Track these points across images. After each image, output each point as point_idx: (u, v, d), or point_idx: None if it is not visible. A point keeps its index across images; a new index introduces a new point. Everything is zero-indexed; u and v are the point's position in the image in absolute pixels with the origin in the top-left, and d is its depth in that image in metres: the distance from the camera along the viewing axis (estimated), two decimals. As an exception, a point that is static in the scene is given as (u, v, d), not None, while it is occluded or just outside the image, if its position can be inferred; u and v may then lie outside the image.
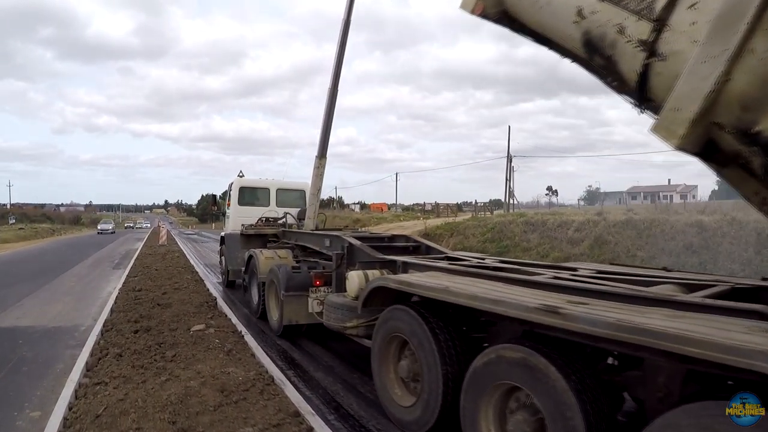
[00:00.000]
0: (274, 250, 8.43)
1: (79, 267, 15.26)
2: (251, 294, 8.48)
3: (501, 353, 2.96)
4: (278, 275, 6.68)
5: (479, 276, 3.91)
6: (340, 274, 5.94)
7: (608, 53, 2.52)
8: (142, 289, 8.85)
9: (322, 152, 8.92)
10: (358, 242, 6.19)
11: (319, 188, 9.41)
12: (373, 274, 4.95)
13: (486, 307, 3.09)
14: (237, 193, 11.47)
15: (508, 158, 34.22)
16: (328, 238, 7.06)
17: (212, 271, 13.79)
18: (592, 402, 2.52)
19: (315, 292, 6.20)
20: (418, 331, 3.62)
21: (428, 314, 3.63)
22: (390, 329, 3.98)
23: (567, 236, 24.37)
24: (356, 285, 4.77)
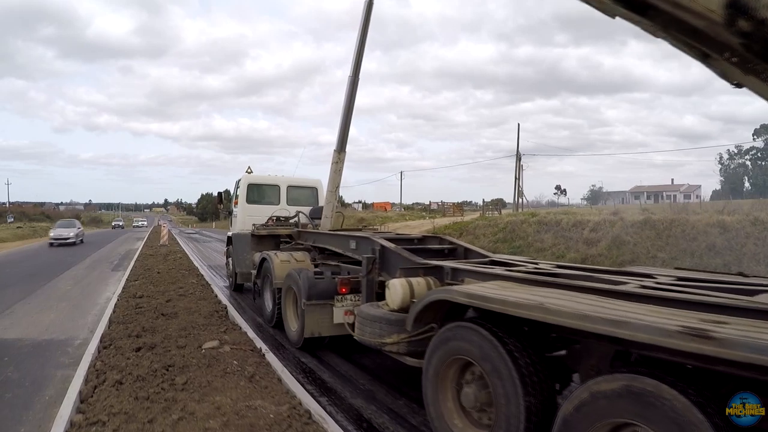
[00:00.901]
0: (290, 253, 7.64)
1: (76, 268, 14.43)
2: (264, 300, 7.70)
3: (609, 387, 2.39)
4: (298, 281, 5.92)
5: (553, 285, 3.36)
6: (371, 281, 5.18)
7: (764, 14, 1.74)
8: (144, 296, 8.02)
9: (341, 146, 8.14)
10: (391, 245, 5.39)
11: (337, 185, 8.64)
12: (417, 282, 4.28)
13: (604, 330, 2.40)
14: (245, 191, 10.70)
15: (518, 157, 33.42)
16: (354, 240, 6.26)
17: (217, 274, 12.98)
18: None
19: (341, 301, 5.48)
20: (492, 354, 3.03)
21: (503, 334, 3.06)
22: (452, 351, 3.36)
23: (582, 236, 23.66)
24: (400, 295, 4.11)
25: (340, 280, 5.63)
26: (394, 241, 5.75)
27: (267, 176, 11.43)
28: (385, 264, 5.22)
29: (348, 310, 5.38)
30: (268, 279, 7.59)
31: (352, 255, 6.15)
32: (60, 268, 14.27)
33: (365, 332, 4.28)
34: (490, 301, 3.06)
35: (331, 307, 5.52)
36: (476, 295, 3.23)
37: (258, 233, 8.73)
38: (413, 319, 3.73)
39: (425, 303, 3.68)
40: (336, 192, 8.70)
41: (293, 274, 6.30)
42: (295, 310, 6.43)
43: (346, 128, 8.17)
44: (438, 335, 3.47)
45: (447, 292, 3.54)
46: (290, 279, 6.41)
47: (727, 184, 71.14)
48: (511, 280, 3.81)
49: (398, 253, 5.21)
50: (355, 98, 8.17)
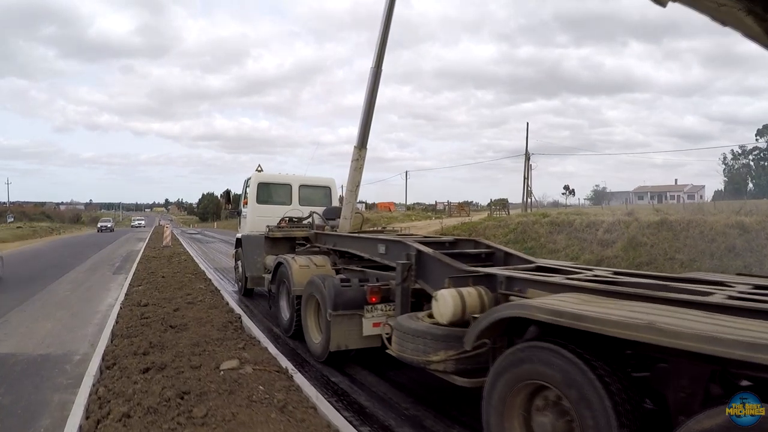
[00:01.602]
0: (308, 257, 7.01)
1: (75, 271, 13.77)
2: (280, 308, 7.06)
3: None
4: (322, 289, 5.34)
5: (635, 297, 2.99)
6: (406, 290, 4.69)
7: None
8: (149, 304, 7.35)
9: (362, 142, 7.48)
10: (429, 250, 4.77)
11: (357, 183, 8.01)
12: (468, 293, 3.80)
13: (743, 356, 2.01)
14: (255, 190, 10.07)
15: (527, 156, 32.75)
16: (384, 244, 5.64)
17: (225, 277, 12.32)
18: None
19: (371, 311, 5.00)
20: (579, 380, 2.60)
21: (590, 356, 2.65)
22: (525, 375, 2.90)
23: (597, 237, 23.10)
24: (450, 308, 3.65)
25: (369, 288, 5.04)
26: (427, 245, 5.20)
27: (278, 175, 10.83)
28: (421, 271, 4.71)
29: (378, 321, 4.92)
30: (285, 285, 6.98)
31: (381, 260, 5.54)
32: (59, 271, 13.62)
33: (406, 348, 3.84)
34: (584, 320, 2.58)
35: (359, 318, 5.01)
36: (565, 312, 2.69)
37: (273, 235, 8.09)
38: (475, 336, 3.25)
39: (494, 320, 3.13)
40: (356, 191, 8.08)
41: (316, 281, 5.67)
42: (317, 320, 5.80)
43: (367, 123, 7.54)
44: (506, 357, 3.02)
45: (524, 308, 3.00)
46: (312, 286, 5.79)
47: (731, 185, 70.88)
48: (586, 291, 3.29)
49: (438, 259, 4.61)
50: (377, 91, 7.58)
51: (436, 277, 4.46)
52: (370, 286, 5.10)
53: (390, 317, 4.88)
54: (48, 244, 29.04)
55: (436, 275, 4.48)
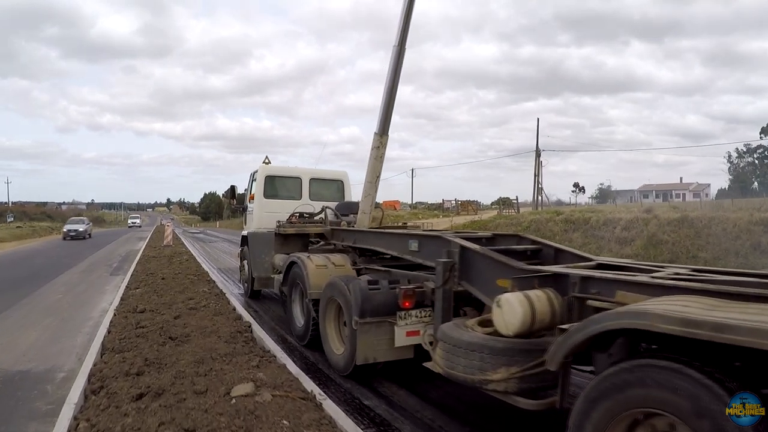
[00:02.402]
0: (325, 255, 6.22)
1: (70, 273, 12.94)
2: (293, 313, 6.25)
3: None
4: (346, 293, 4.65)
5: (753, 299, 2.40)
6: (448, 293, 3.95)
7: None
8: (146, 310, 6.49)
9: (383, 127, 6.71)
10: (476, 246, 4.03)
11: (378, 174, 7.27)
12: (538, 298, 3.15)
13: None
14: (262, 184, 9.27)
15: (537, 153, 31.85)
16: (417, 240, 4.80)
17: (229, 278, 11.48)
18: None
19: (404, 318, 4.29)
20: (713, 409, 1.96)
21: (720, 375, 2.06)
22: (633, 401, 2.27)
23: (614, 235, 22.41)
24: (519, 316, 3.01)
25: (403, 291, 4.27)
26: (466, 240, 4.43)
27: (287, 167, 10.03)
28: (467, 271, 3.99)
29: (413, 330, 4.27)
30: (299, 288, 6.17)
31: (413, 258, 4.82)
32: (53, 272, 12.78)
33: (457, 365, 3.28)
34: (732, 332, 1.94)
35: (390, 326, 4.33)
36: (703, 322, 2.03)
37: (284, 232, 7.25)
38: (565, 353, 2.61)
39: (595, 332, 2.44)
40: (376, 183, 7.30)
41: (338, 284, 4.91)
42: (338, 327, 5.13)
43: (389, 107, 6.71)
44: (606, 379, 2.39)
45: (640, 316, 2.27)
46: (333, 289, 5.02)
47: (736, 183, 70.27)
48: (695, 293, 2.60)
49: (488, 256, 3.82)
50: (400, 71, 6.84)
51: (485, 278, 3.80)
52: (403, 288, 4.29)
53: (427, 324, 4.19)
54: (46, 244, 28.24)
55: (485, 276, 3.81)
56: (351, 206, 9.06)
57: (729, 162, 74.86)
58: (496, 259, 3.76)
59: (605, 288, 3.01)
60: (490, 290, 3.65)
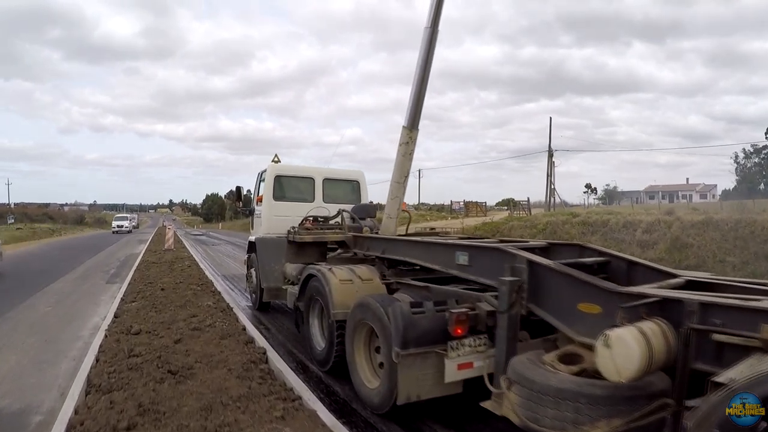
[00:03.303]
0: (350, 268, 5.35)
1: (64, 280, 12.04)
2: (311, 333, 5.41)
3: None
4: (382, 317, 3.87)
5: None
6: (514, 320, 3.31)
7: None
8: (142, 331, 5.57)
9: (413, 121, 5.92)
10: (547, 261, 3.41)
11: (407, 173, 6.43)
12: (653, 331, 2.50)
13: None
14: (272, 184, 8.39)
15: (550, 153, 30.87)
16: (466, 251, 4.07)
17: (235, 287, 10.58)
18: None
19: (456, 349, 3.53)
20: None
21: None
22: None
23: (635, 238, 21.54)
24: (637, 359, 2.36)
25: (455, 316, 3.49)
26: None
27: (299, 166, 9.15)
28: (537, 292, 3.33)
29: (465, 362, 3.54)
30: (318, 304, 5.37)
31: (461, 274, 4.11)
32: (46, 279, 11.88)
33: (543, 417, 2.66)
34: None
35: (437, 357, 3.59)
36: None
37: (300, 239, 6.35)
38: None
39: None
40: (404, 183, 6.43)
41: (372, 305, 4.10)
42: (369, 356, 4.36)
43: (420, 98, 5.86)
44: None
45: None
46: (365, 311, 4.21)
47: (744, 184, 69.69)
48: None
49: (568, 274, 3.14)
50: (432, 57, 6.03)
51: (562, 301, 3.16)
52: (455, 312, 3.50)
53: (481, 354, 3.52)
54: (44, 246, 27.38)
55: (562, 299, 3.16)
56: (368, 209, 8.24)
57: (736, 163, 74.37)
58: (578, 277, 3.06)
59: (737, 318, 2.37)
60: (569, 316, 3.06)
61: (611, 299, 2.85)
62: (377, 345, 4.18)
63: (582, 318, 2.96)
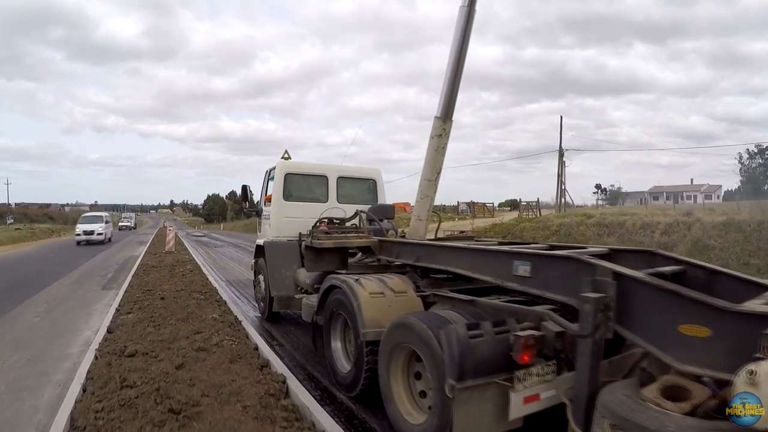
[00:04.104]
0: (379, 278, 4.60)
1: (58, 285, 11.24)
2: (332, 353, 4.73)
3: None
4: (431, 342, 3.20)
5: None
6: (599, 345, 2.74)
7: None
8: (138, 353, 4.73)
9: (447, 111, 5.28)
10: (637, 273, 2.84)
11: (438, 170, 5.72)
12: None
13: None
14: (282, 183, 7.65)
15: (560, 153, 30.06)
16: (528, 261, 3.40)
17: (242, 294, 9.79)
18: None
19: (524, 379, 2.94)
20: None
21: None
22: None
23: (654, 240, 20.84)
24: None
25: (523, 340, 2.90)
26: None
27: (311, 164, 8.40)
28: (624, 310, 2.78)
29: (532, 394, 2.98)
30: (341, 319, 4.71)
31: (521, 287, 3.46)
32: (39, 283, 11.10)
33: None
34: None
35: (498, 389, 2.95)
36: None
37: (319, 244, 5.57)
38: None
39: None
40: (436, 181, 5.69)
41: (417, 326, 3.40)
42: (408, 382, 3.68)
43: (454, 85, 5.22)
44: None
45: None
46: (406, 333, 3.52)
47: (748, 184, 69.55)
48: None
49: (667, 290, 2.60)
50: (468, 39, 5.18)
51: (659, 322, 2.63)
52: (523, 336, 2.90)
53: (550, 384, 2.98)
54: (41, 247, 26.61)
55: (657, 319, 2.64)
56: (387, 210, 7.49)
57: (740, 163, 74.38)
58: (681, 293, 2.53)
59: None
60: (667, 340, 2.56)
61: (724, 320, 2.32)
62: (416, 370, 3.60)
63: (685, 342, 2.47)
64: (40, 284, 11.06)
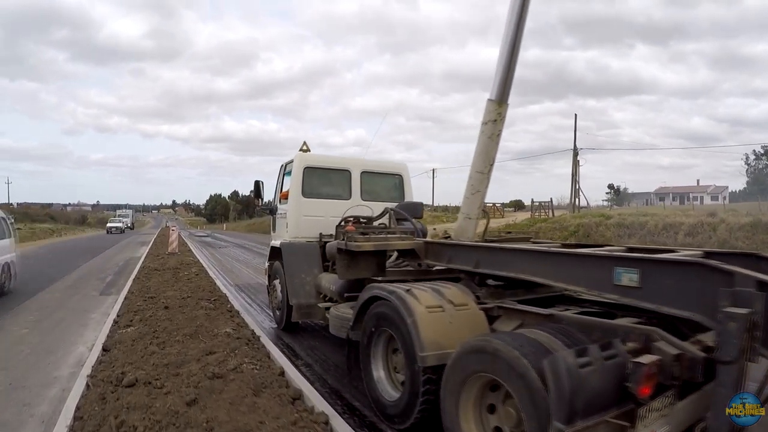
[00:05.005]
0: (434, 288, 3.88)
1: (52, 289, 10.33)
2: (372, 376, 4.00)
3: None
4: (526, 373, 2.55)
5: None
6: (742, 371, 2.20)
7: None
8: (138, 381, 3.75)
9: (502, 93, 4.56)
10: None
11: (492, 160, 4.81)
12: None
13: None
14: (300, 178, 6.81)
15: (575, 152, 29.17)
16: (635, 268, 2.80)
17: (254, 300, 8.90)
18: None
19: (645, 416, 2.40)
20: None
21: None
22: None
23: (677, 241, 20.13)
24: None
25: (646, 369, 2.34)
26: None
27: (332, 157, 7.57)
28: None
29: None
30: (384, 336, 3.96)
31: (620, 298, 2.88)
32: (31, 288, 10.18)
33: None
34: None
35: (608, 428, 2.35)
36: None
37: (358, 247, 4.69)
38: None
39: None
40: (489, 173, 4.88)
41: (504, 351, 2.71)
42: (480, 417, 3.01)
43: (512, 62, 4.49)
44: None
45: None
46: (488, 360, 2.81)
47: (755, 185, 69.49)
48: None
49: None
50: (527, 9, 4.46)
51: None
52: (645, 365, 2.35)
53: (667, 419, 2.51)
54: (40, 248, 25.71)
55: None
56: (416, 208, 6.71)
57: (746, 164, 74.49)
58: None
59: None
60: None
61: None
62: (490, 402, 2.99)
63: None
64: (33, 289, 10.15)
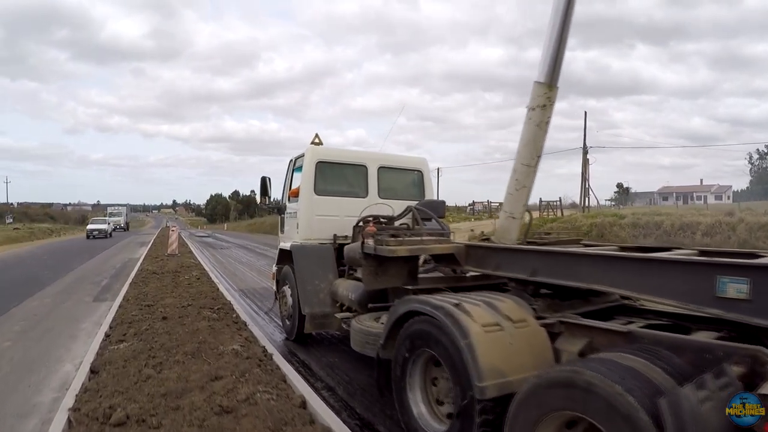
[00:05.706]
0: (487, 302, 3.24)
1: (42, 295, 9.60)
2: (411, 406, 3.37)
3: None
4: (635, 413, 1.87)
5: None
6: None
7: None
8: (130, 419, 2.97)
9: (552, 75, 4.04)
10: None
11: (539, 152, 4.19)
12: None
13: None
14: (312, 173, 6.11)
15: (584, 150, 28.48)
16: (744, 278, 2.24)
17: (261, 308, 8.20)
18: None
19: None
20: None
21: None
22: None
23: (695, 241, 19.51)
24: None
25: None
26: None
27: (347, 151, 6.89)
28: None
29: None
30: (424, 357, 3.37)
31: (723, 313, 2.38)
32: (20, 293, 9.46)
33: None
34: None
35: None
36: None
37: (391, 252, 3.99)
38: None
39: None
40: (536, 166, 4.21)
41: (601, 386, 2.08)
42: None
43: (563, 40, 3.95)
44: None
45: None
46: (577, 396, 2.19)
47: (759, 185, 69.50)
48: None
49: None
50: None
51: None
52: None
53: None
54: (36, 249, 25.02)
55: None
56: (437, 207, 6.06)
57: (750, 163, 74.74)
58: None
59: None
60: None
61: None
62: None
63: None
64: (22, 295, 9.41)
